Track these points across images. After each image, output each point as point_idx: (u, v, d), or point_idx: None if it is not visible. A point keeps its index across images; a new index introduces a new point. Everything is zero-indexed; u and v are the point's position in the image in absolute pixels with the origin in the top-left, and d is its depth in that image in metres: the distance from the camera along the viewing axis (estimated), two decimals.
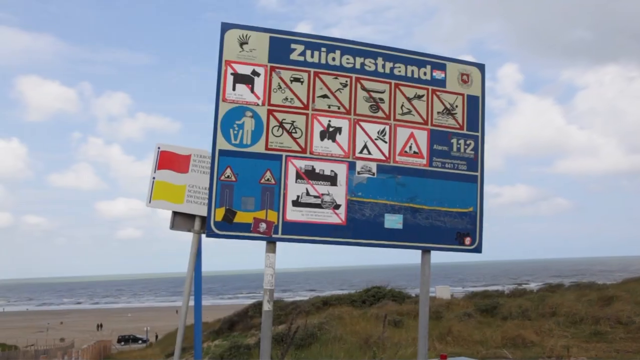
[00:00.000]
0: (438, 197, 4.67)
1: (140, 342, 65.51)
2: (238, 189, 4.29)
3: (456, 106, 4.89)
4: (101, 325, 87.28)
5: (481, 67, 5.09)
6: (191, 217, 7.49)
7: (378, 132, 4.62)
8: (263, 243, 4.26)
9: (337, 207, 4.38)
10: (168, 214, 7.27)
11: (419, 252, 4.72)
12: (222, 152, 4.33)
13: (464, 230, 4.76)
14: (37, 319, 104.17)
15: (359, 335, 13.90)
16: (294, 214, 4.29)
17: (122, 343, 65.78)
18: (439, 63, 4.92)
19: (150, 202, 7.45)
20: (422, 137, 4.75)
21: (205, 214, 7.44)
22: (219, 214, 4.26)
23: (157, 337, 62.12)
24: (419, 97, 4.81)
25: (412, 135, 4.72)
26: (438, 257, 4.94)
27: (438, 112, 4.84)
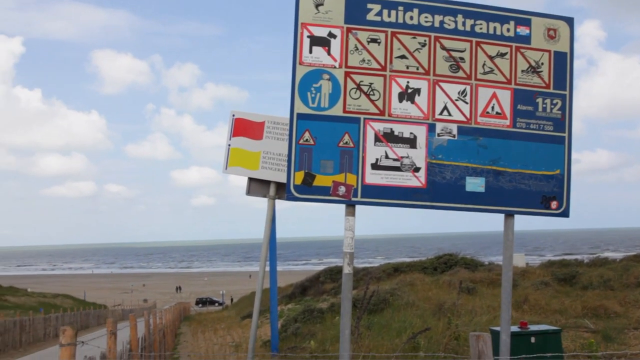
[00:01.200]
0: (522, 159, 4.49)
1: (216, 304, 68.33)
2: (317, 153, 4.30)
3: (542, 64, 4.64)
4: (180, 288, 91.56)
5: (569, 21, 4.79)
6: (266, 183, 7.64)
7: (458, 93, 4.47)
8: (335, 209, 4.29)
9: (417, 170, 4.31)
10: (240, 182, 7.40)
11: (496, 217, 4.58)
12: (300, 116, 4.34)
13: (550, 194, 4.56)
14: (122, 281, 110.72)
15: (432, 301, 13.81)
16: (373, 177, 4.26)
17: (200, 305, 68.87)
18: (523, 18, 4.67)
19: (226, 168, 7.63)
20: (505, 97, 4.56)
21: (280, 179, 7.57)
22: (298, 177, 4.29)
23: (232, 300, 64.53)
24: (502, 55, 4.60)
25: (494, 96, 4.54)
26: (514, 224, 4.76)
27: (522, 71, 4.62)
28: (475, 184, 4.38)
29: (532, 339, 5.92)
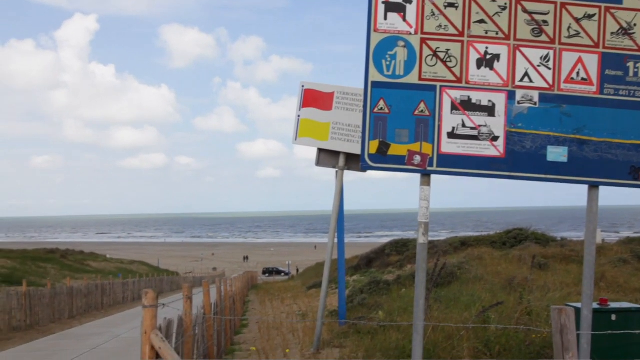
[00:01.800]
0: (609, 127, 4.24)
1: (282, 274, 69.87)
2: (392, 121, 4.23)
3: (634, 25, 4.33)
4: (247, 258, 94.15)
5: None
6: (335, 153, 7.64)
7: (541, 58, 4.26)
8: (399, 182, 4.24)
9: (495, 139, 4.17)
10: (306, 155, 7.45)
11: (570, 191, 4.37)
12: (375, 84, 4.27)
13: None
14: (192, 250, 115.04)
15: (501, 276, 13.51)
16: (449, 146, 4.16)
17: (267, 275, 70.65)
18: None
19: (296, 139, 7.69)
20: (591, 61, 4.30)
21: (349, 150, 7.55)
22: (373, 146, 4.25)
23: (297, 270, 65.75)
24: (589, 16, 4.33)
25: (580, 60, 4.30)
26: (584, 200, 4.50)
27: (612, 33, 4.33)
28: (557, 154, 4.19)
29: (613, 317, 5.68)
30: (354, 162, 7.58)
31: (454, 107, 4.21)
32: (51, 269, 35.26)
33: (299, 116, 7.59)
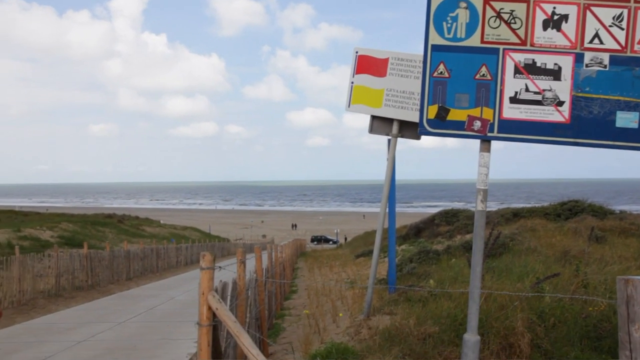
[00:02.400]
0: None
1: (330, 242, 70.50)
2: (451, 86, 4.11)
3: None
4: (295, 225, 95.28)
5: None
6: (389, 121, 7.54)
7: (613, 18, 4.01)
8: (449, 152, 4.14)
9: (560, 104, 3.99)
10: (354, 124, 7.43)
11: (626, 163, 4.16)
12: (435, 47, 4.15)
13: None
14: (242, 217, 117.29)
15: (556, 248, 13.19)
16: (511, 112, 4.01)
17: (315, 243, 71.43)
18: None
19: (349, 106, 7.62)
20: None
21: (403, 117, 7.43)
22: (432, 111, 4.15)
23: (345, 239, 66.21)
24: None
25: None
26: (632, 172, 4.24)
27: None
28: (627, 120, 3.99)
29: None
30: (408, 129, 7.47)
31: (517, 71, 4.04)
32: (109, 233, 36.70)
33: (352, 83, 7.49)
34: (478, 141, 4.15)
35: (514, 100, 4.02)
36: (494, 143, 4.09)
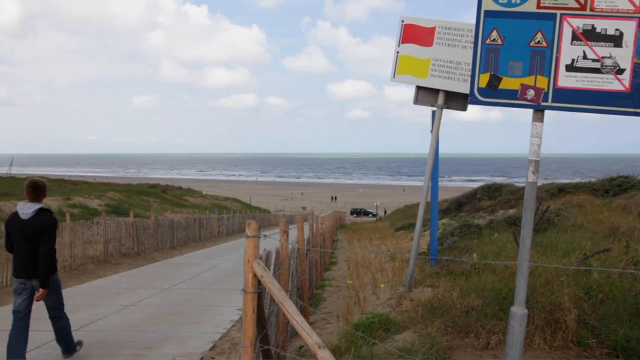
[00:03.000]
0: None
1: (370, 215, 70.49)
2: (504, 53, 3.95)
3: None
4: (335, 198, 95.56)
5: None
6: (434, 91, 7.38)
7: None
8: (491, 126, 3.99)
9: (620, 72, 3.79)
10: (395, 97, 7.37)
11: None
12: (488, 13, 3.99)
13: None
14: (282, 189, 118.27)
15: (604, 225, 12.82)
16: (567, 80, 3.84)
17: (354, 215, 71.57)
18: None
19: (394, 77, 7.48)
20: None
21: (449, 88, 7.27)
22: (483, 80, 4.01)
23: (385, 212, 66.06)
24: None
25: None
26: None
27: None
28: None
29: None
30: (453, 100, 7.30)
31: (574, 37, 3.85)
32: (153, 202, 37.61)
33: (397, 52, 7.34)
34: (525, 114, 4.01)
35: (571, 68, 3.84)
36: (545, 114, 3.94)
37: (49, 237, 6.04)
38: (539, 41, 3.88)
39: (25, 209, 6.09)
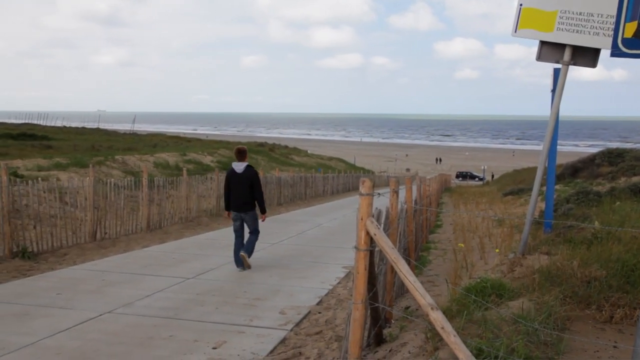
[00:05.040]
0: None
1: (476, 179, 68.36)
2: None
3: None
4: (440, 160, 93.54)
5: None
6: (561, 46, 6.83)
7: None
8: (614, 84, 3.52)
9: None
10: (507, 55, 6.83)
11: None
12: None
13: None
14: (386, 150, 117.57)
15: None
16: None
17: (460, 179, 69.74)
18: None
19: (515, 31, 7.00)
20: None
21: (578, 42, 6.69)
22: (629, 29, 3.58)
23: (492, 176, 63.78)
24: None
25: None
26: None
27: None
28: None
29: None
30: (582, 56, 6.72)
31: None
32: (261, 160, 38.86)
33: (520, 5, 6.82)
34: None
35: None
36: None
37: (258, 182, 9.05)
38: None
39: (238, 166, 9.03)
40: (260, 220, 9.46)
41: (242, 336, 5.78)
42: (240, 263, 9.09)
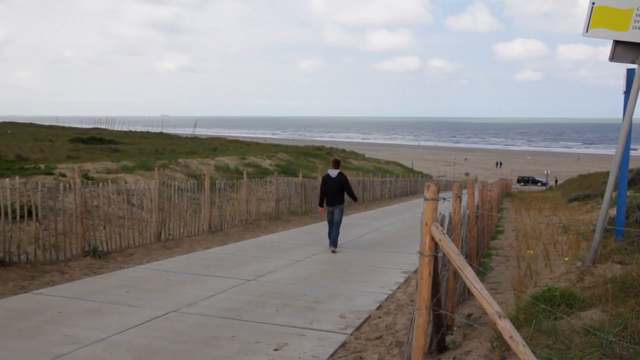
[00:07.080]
0: None
1: (539, 184, 66.26)
2: None
3: None
4: (500, 164, 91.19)
5: None
6: (636, 46, 6.54)
7: None
8: None
9: None
10: (570, 56, 6.54)
11: None
12: None
13: None
14: (444, 154, 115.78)
15: None
16: None
17: (522, 184, 67.79)
18: None
19: (587, 31, 6.75)
20: None
21: None
22: None
23: (556, 181, 61.68)
24: None
25: None
26: None
27: None
28: None
29: None
30: None
31: None
32: (318, 163, 39.05)
33: (592, 3, 6.56)
34: None
35: None
36: None
37: (347, 183, 11.81)
38: None
39: (333, 172, 11.75)
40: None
41: (302, 339, 5.82)
42: (334, 244, 11.56)
